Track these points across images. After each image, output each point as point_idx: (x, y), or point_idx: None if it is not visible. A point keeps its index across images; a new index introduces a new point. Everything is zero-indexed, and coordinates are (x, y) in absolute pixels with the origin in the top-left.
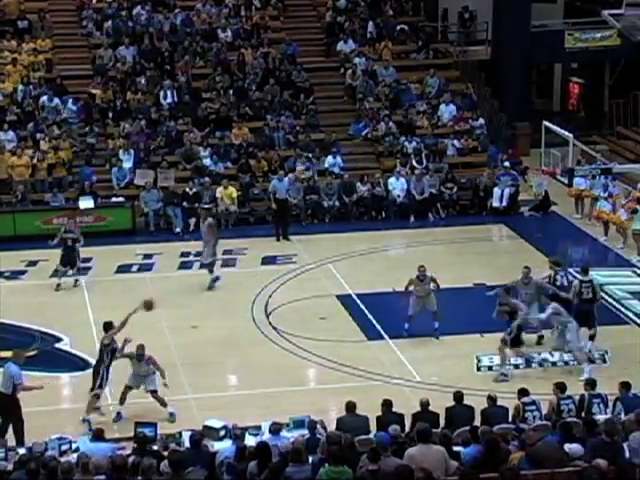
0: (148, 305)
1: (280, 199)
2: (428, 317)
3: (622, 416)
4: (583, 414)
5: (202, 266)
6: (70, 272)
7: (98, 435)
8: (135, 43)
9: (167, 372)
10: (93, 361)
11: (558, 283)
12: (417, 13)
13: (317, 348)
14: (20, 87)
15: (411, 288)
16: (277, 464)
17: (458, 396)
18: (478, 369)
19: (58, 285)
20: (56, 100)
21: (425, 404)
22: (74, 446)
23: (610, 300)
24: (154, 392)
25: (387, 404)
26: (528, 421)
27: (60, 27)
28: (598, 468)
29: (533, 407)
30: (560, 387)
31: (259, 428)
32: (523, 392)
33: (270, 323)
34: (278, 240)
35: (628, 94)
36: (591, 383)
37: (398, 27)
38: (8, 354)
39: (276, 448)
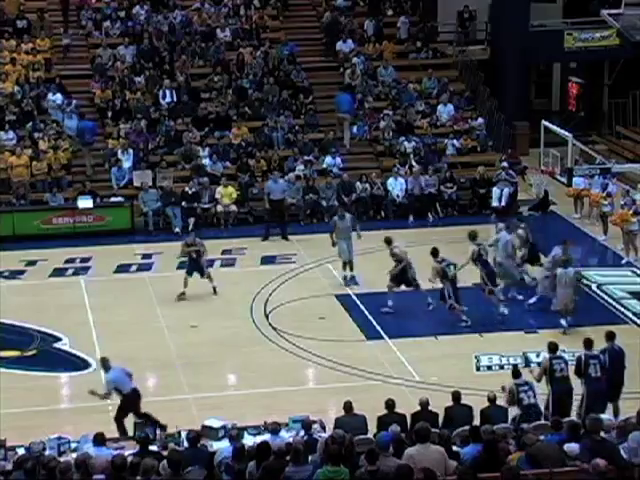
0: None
1: (275, 200)
2: (429, 317)
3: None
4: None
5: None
6: (204, 279)
7: (99, 439)
8: (134, 43)
9: (166, 372)
10: (92, 360)
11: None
12: (416, 13)
13: (316, 348)
14: (19, 87)
15: None
16: (271, 463)
17: (456, 396)
18: (477, 369)
19: (182, 294)
20: (57, 95)
21: (425, 404)
22: (73, 446)
23: (609, 300)
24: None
25: (389, 404)
26: (523, 402)
27: (59, 27)
28: (598, 468)
29: (526, 387)
30: (551, 347)
31: (258, 428)
32: (516, 373)
33: (269, 323)
34: (265, 240)
35: (627, 94)
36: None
37: (401, 23)
38: (8, 354)
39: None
